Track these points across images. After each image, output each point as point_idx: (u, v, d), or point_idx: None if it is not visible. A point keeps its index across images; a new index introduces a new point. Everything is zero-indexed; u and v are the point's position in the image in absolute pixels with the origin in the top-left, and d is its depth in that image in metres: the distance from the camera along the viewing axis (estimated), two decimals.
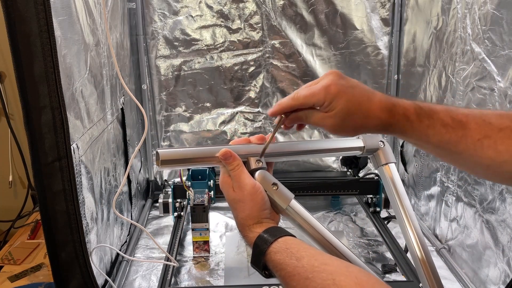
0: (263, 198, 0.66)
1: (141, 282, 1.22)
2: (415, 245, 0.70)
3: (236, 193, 0.66)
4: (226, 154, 0.67)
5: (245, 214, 0.65)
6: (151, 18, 1.58)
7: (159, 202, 1.47)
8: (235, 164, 0.67)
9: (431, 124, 0.60)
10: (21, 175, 1.86)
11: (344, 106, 0.62)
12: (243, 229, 0.66)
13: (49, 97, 0.78)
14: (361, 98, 0.63)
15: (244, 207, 0.65)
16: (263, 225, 0.65)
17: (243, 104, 1.70)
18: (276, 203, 0.68)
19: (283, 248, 0.60)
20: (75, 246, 0.88)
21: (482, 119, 0.58)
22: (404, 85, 1.64)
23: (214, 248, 1.39)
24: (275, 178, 0.69)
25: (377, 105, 0.62)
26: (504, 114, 0.58)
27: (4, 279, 1.30)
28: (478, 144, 0.57)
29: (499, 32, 1.02)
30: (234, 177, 0.67)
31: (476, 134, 0.57)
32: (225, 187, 0.68)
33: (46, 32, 0.75)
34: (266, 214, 0.66)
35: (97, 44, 1.10)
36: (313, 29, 1.61)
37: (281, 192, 0.68)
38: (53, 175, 0.82)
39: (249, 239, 0.65)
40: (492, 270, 1.08)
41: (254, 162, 0.69)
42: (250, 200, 0.65)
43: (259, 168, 0.69)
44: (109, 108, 1.21)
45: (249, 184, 0.65)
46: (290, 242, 0.61)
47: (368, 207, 1.58)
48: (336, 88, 0.63)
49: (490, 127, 0.57)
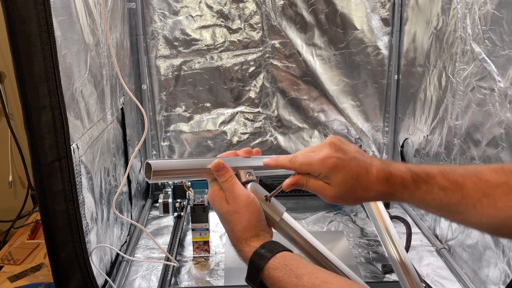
0: (259, 209, 0.65)
1: (141, 282, 1.22)
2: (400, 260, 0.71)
3: (231, 205, 0.64)
4: (218, 166, 0.65)
5: (242, 226, 0.63)
6: (151, 18, 1.58)
7: (159, 202, 1.47)
8: (228, 176, 0.65)
9: (429, 190, 0.59)
10: (21, 175, 1.85)
11: (342, 181, 0.61)
12: (239, 242, 0.64)
13: (49, 97, 0.78)
14: (359, 171, 0.62)
15: (240, 219, 0.63)
16: (260, 239, 0.63)
17: (243, 104, 1.70)
18: (269, 215, 0.66)
19: (281, 265, 0.58)
20: (75, 246, 0.88)
21: (478, 178, 0.57)
22: (404, 85, 1.64)
23: (214, 248, 1.39)
24: (266, 191, 0.68)
25: (375, 177, 0.61)
26: (498, 169, 0.58)
27: (4, 279, 1.30)
28: (478, 203, 0.56)
29: (499, 32, 1.02)
30: (227, 188, 0.65)
31: (475, 193, 0.57)
32: (217, 200, 0.66)
33: (46, 32, 0.75)
34: (263, 225, 0.65)
35: (97, 44, 1.10)
36: (313, 29, 1.61)
37: (274, 205, 0.67)
38: (53, 175, 0.82)
39: (245, 253, 0.63)
40: (492, 270, 1.08)
41: (245, 174, 0.68)
42: (247, 210, 0.63)
43: (250, 181, 0.68)
44: (109, 108, 1.21)
45: (244, 195, 0.64)
46: (288, 258, 0.59)
47: None
48: (333, 162, 0.61)
49: (487, 185, 0.56)
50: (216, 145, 1.73)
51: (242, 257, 0.64)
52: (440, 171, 0.60)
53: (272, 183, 1.40)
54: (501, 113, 1.03)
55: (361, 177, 0.61)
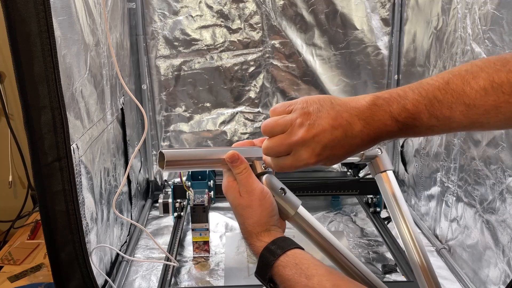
0: (272, 203, 0.63)
1: (141, 282, 1.22)
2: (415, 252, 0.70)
3: (244, 198, 0.63)
4: (233, 157, 0.63)
5: (253, 221, 0.62)
6: (151, 18, 1.58)
7: (159, 202, 1.47)
8: (243, 168, 0.64)
9: (417, 132, 0.55)
10: (21, 175, 1.85)
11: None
12: (249, 236, 0.63)
13: (49, 97, 0.78)
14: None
15: (252, 213, 0.62)
16: (271, 234, 0.62)
17: (243, 104, 1.70)
18: (283, 209, 0.65)
19: (292, 263, 0.57)
20: (75, 246, 0.88)
21: (465, 105, 0.50)
22: (404, 85, 1.64)
23: (214, 248, 1.39)
24: (281, 183, 0.66)
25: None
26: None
27: (4, 279, 1.30)
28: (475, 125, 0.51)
29: (499, 32, 1.02)
30: (241, 181, 0.63)
31: (466, 122, 0.51)
32: (231, 192, 0.64)
33: (46, 32, 0.75)
34: (274, 220, 0.63)
35: (97, 44, 1.10)
36: (313, 29, 1.61)
37: (289, 198, 0.65)
38: (53, 175, 0.82)
39: (256, 248, 0.62)
40: (492, 270, 1.08)
41: (260, 165, 0.66)
42: (259, 205, 0.62)
43: (265, 172, 0.66)
44: (109, 108, 1.21)
45: (258, 189, 0.63)
46: (299, 257, 0.58)
47: (368, 207, 1.58)
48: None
49: (475, 111, 0.50)
50: (216, 145, 1.73)
51: (252, 251, 0.63)
52: (425, 106, 0.53)
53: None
54: None
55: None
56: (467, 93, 0.50)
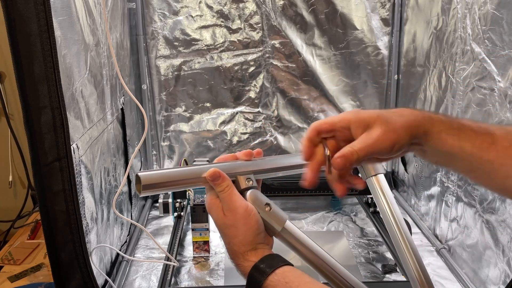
0: (257, 221, 0.61)
1: (141, 282, 1.22)
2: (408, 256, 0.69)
3: (227, 217, 0.60)
4: (214, 175, 0.60)
5: (238, 240, 0.60)
6: (151, 18, 1.58)
7: (159, 202, 1.47)
8: (225, 185, 0.61)
9: (461, 128, 0.56)
10: (21, 175, 1.85)
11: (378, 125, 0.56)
12: (235, 256, 0.61)
13: (49, 97, 0.78)
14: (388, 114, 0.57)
15: (236, 233, 0.60)
16: (258, 252, 0.60)
17: (243, 104, 1.70)
18: (269, 225, 0.62)
19: (281, 282, 0.56)
20: (75, 246, 0.88)
21: (504, 129, 0.55)
22: (404, 85, 1.64)
23: (214, 248, 1.39)
24: (267, 198, 0.64)
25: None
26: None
27: (4, 279, 1.30)
28: (508, 151, 0.54)
29: (499, 32, 1.02)
30: (224, 199, 0.60)
31: (505, 141, 0.54)
32: (214, 210, 0.62)
33: (46, 32, 0.75)
34: (261, 238, 0.61)
35: (97, 44, 1.10)
36: (313, 29, 1.61)
37: (275, 213, 0.63)
38: (53, 175, 0.82)
39: (243, 268, 0.60)
40: (492, 270, 1.08)
41: (244, 180, 0.63)
42: (244, 224, 0.60)
43: (250, 188, 0.63)
44: (109, 108, 1.21)
45: (242, 207, 0.60)
46: (289, 275, 0.57)
47: (368, 207, 1.58)
48: (352, 114, 0.58)
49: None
50: (216, 145, 1.73)
51: (240, 272, 0.61)
52: (467, 120, 0.57)
53: (272, 183, 1.40)
54: (501, 113, 1.03)
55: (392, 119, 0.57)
56: None
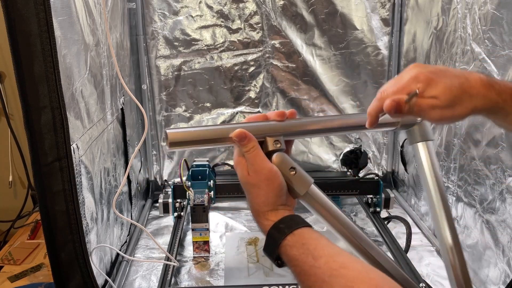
0: (280, 184, 0.61)
1: (141, 282, 1.22)
2: (448, 234, 0.67)
3: (251, 177, 0.61)
4: (240, 135, 0.61)
5: (259, 200, 0.61)
6: (151, 18, 1.58)
7: (159, 202, 1.47)
8: (250, 146, 0.61)
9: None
10: (21, 175, 1.85)
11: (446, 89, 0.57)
12: (257, 215, 0.62)
13: (49, 97, 0.78)
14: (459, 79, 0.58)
15: (258, 193, 0.61)
16: (278, 213, 0.61)
17: (243, 104, 1.70)
18: (293, 188, 0.63)
19: (299, 243, 0.57)
20: (75, 246, 0.88)
21: None
22: None
23: (214, 248, 1.39)
24: (293, 161, 0.63)
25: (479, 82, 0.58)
26: None
27: (4, 279, 1.30)
28: None
29: (499, 32, 1.02)
30: (249, 159, 0.61)
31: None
32: (239, 168, 0.63)
33: (46, 32, 0.76)
34: (282, 200, 0.62)
35: (97, 44, 1.10)
36: (313, 29, 1.61)
37: (299, 177, 0.63)
38: (53, 175, 0.82)
39: (264, 226, 0.61)
40: (492, 270, 1.08)
41: (272, 143, 0.63)
42: (266, 185, 0.61)
43: (277, 150, 0.63)
44: (109, 108, 1.21)
45: (266, 168, 0.61)
46: (307, 237, 0.57)
47: (368, 207, 1.58)
48: (426, 76, 0.58)
49: None
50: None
51: (260, 229, 0.63)
52: None
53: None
54: None
55: (464, 83, 0.58)
56: None
